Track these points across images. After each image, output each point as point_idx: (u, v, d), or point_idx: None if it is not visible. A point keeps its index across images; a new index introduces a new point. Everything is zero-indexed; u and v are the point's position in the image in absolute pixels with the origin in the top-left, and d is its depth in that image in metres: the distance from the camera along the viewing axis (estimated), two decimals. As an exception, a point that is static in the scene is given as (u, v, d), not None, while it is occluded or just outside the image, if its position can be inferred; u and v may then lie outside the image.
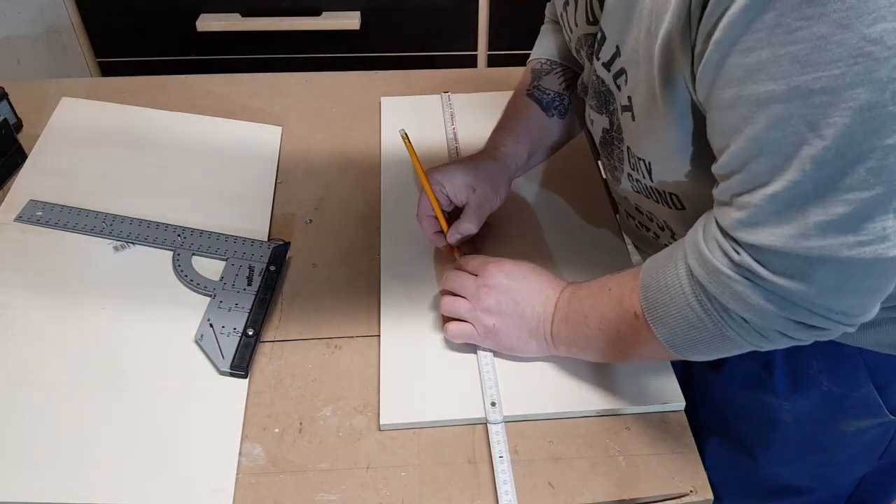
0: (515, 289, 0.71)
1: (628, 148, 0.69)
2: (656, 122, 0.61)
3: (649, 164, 0.67)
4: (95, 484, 0.63)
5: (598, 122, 0.73)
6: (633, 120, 0.64)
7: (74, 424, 0.67)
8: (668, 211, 0.71)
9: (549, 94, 0.84)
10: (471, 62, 1.59)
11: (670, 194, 0.68)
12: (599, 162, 0.95)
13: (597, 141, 0.75)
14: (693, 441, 0.67)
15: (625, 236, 0.86)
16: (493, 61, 1.58)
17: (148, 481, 0.63)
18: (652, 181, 0.68)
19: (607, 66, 0.65)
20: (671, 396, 0.69)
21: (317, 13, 1.49)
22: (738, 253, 0.53)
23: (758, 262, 0.52)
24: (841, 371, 0.71)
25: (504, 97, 1.05)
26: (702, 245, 0.56)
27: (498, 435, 0.66)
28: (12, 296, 0.76)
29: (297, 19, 1.48)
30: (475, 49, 1.57)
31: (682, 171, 0.64)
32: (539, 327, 0.70)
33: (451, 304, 0.73)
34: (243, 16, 1.49)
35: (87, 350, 0.72)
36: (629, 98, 0.64)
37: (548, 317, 0.70)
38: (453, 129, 0.99)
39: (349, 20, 1.49)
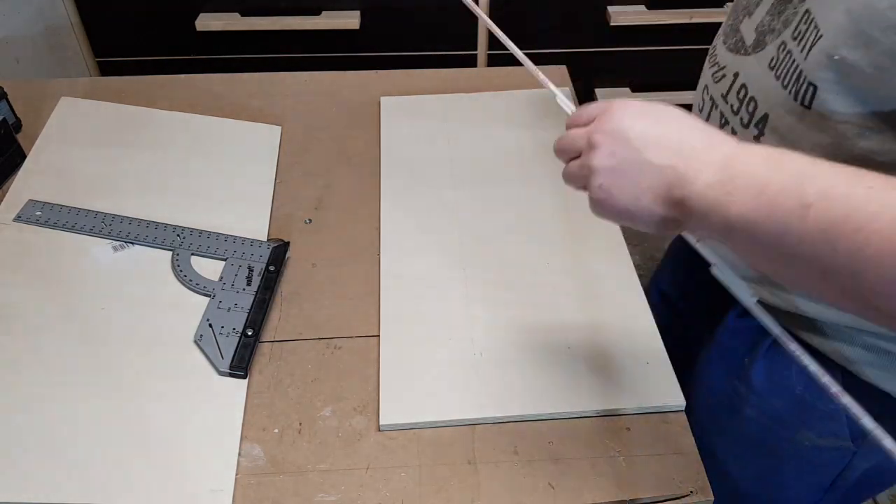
0: (641, 133, 0.51)
1: (808, 11, 0.56)
2: None
3: (820, 36, 0.53)
4: (93, 485, 0.63)
5: None
6: None
7: (73, 425, 0.66)
8: (784, 103, 0.57)
9: None
10: (471, 62, 1.59)
11: (809, 84, 0.55)
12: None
13: None
14: (693, 441, 0.67)
15: (624, 234, 0.85)
16: (493, 61, 1.58)
17: (147, 482, 0.63)
18: (806, 60, 0.55)
19: None
20: (671, 396, 0.69)
21: (316, 12, 1.49)
22: None
23: None
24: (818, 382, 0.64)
25: (504, 97, 1.05)
26: None
27: None
28: (11, 296, 0.76)
29: (296, 18, 1.48)
30: (475, 49, 1.57)
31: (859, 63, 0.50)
32: (674, 185, 0.50)
33: (563, 173, 0.58)
34: (242, 15, 1.49)
35: (86, 350, 0.72)
36: None
37: (699, 169, 0.49)
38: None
39: (349, 19, 1.49)
